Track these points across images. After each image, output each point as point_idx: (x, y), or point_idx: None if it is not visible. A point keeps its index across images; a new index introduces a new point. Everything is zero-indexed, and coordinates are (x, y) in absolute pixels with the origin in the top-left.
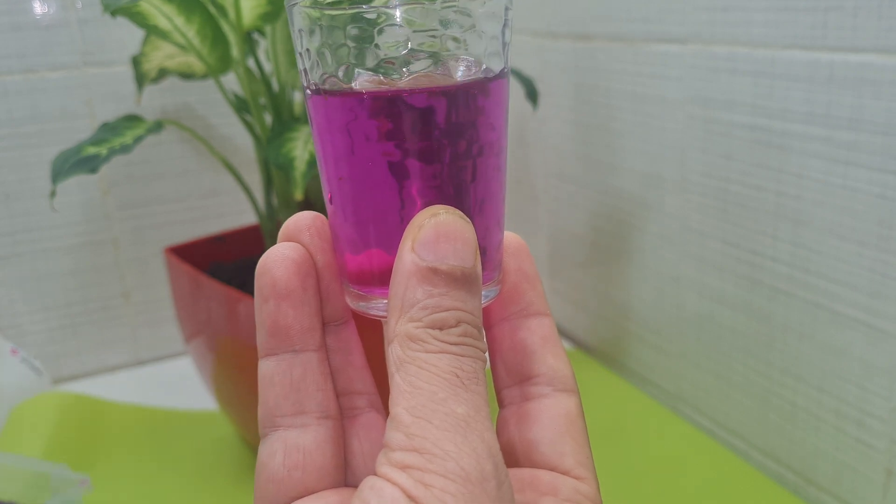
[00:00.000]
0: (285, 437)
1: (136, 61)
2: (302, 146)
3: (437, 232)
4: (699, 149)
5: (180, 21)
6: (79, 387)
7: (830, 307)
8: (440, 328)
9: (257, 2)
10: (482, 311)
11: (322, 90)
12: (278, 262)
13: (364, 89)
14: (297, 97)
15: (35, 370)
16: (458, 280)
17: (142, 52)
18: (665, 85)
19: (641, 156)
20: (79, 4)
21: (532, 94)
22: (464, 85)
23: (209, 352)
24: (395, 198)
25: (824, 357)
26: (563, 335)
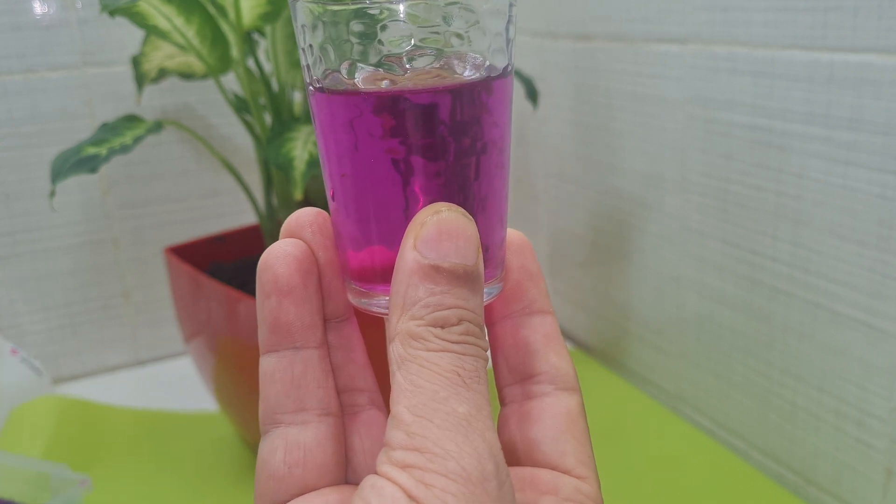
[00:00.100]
0: (286, 433)
1: (136, 61)
2: (301, 146)
3: (440, 229)
4: (699, 149)
5: (180, 21)
6: (79, 387)
7: (830, 307)
8: (442, 326)
9: (257, 2)
10: (484, 308)
11: (325, 87)
12: (280, 258)
13: (367, 86)
14: (298, 97)
15: (35, 370)
16: (460, 278)
17: (142, 52)
18: (665, 85)
19: (641, 156)
20: (79, 4)
21: (532, 94)
22: (468, 82)
23: (209, 352)
24: (398, 195)
25: (824, 357)
26: (564, 335)
